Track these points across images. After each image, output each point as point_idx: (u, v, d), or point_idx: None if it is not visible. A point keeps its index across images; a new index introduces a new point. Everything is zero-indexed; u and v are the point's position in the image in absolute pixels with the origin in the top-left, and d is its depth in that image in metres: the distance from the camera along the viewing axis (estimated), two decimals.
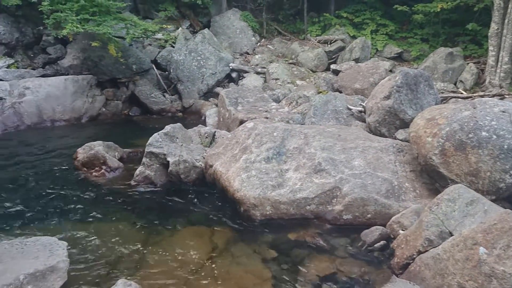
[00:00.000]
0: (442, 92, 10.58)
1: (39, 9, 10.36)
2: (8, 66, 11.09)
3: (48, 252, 3.83)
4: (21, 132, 9.65)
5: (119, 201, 6.10)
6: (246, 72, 12.71)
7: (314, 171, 5.60)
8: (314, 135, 6.14)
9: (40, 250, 3.86)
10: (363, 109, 7.78)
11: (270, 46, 14.72)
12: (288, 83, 11.86)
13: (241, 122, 7.46)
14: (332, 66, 12.61)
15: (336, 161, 5.69)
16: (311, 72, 12.99)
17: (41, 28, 11.58)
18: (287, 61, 13.51)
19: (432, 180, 5.48)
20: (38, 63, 11.69)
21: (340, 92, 9.91)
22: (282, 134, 6.17)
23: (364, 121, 7.57)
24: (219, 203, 6.05)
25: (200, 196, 6.33)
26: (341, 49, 13.73)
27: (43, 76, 11.01)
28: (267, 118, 7.39)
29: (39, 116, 10.14)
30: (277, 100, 9.90)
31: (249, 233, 5.28)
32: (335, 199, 5.35)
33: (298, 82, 11.91)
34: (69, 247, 4.15)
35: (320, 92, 10.75)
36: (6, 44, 11.52)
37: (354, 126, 7.37)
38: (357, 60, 12.84)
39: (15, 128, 9.74)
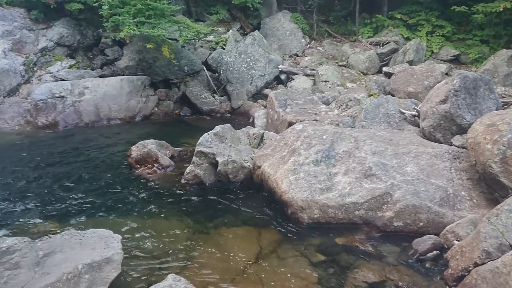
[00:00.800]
0: (504, 97, 9.99)
1: (99, 13, 10.90)
2: (70, 67, 11.77)
3: (104, 244, 4.02)
4: (80, 129, 10.19)
5: (170, 198, 6.28)
6: (295, 74, 12.68)
7: (364, 176, 5.48)
8: (365, 139, 6.01)
9: (96, 242, 4.06)
10: (416, 113, 7.51)
11: (320, 48, 14.58)
12: (338, 85, 11.69)
13: (290, 124, 7.45)
14: (384, 69, 12.28)
15: (387, 166, 5.54)
16: (361, 74, 12.73)
17: (100, 30, 12.18)
18: (337, 63, 13.33)
19: (491, 189, 5.19)
20: (96, 64, 12.30)
21: (392, 95, 9.63)
22: (332, 137, 6.09)
23: (417, 125, 7.31)
24: (267, 204, 6.07)
25: (248, 197, 6.38)
26: (394, 51, 13.34)
27: (101, 76, 11.59)
28: (316, 120, 7.32)
29: (97, 114, 10.66)
30: (327, 103, 9.78)
31: (296, 236, 5.26)
32: (386, 205, 5.21)
33: (348, 84, 11.70)
34: (122, 240, 4.32)
35: (371, 95, 10.51)
36: (69, 46, 12.22)
37: (406, 130, 7.13)
38: (410, 63, 12.42)
39: (75, 125, 10.30)
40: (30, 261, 3.61)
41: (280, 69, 12.68)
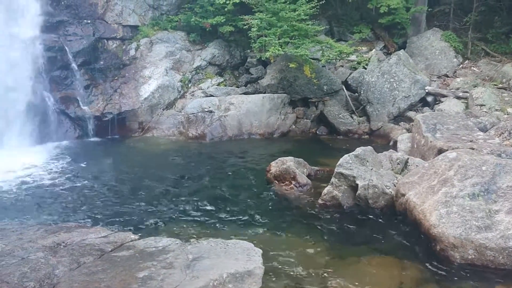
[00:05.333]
0: None
1: (248, 35, 11.64)
2: (218, 84, 12.79)
3: (246, 256, 4.12)
4: (223, 142, 10.93)
5: (306, 217, 6.23)
6: (444, 96, 11.67)
7: None
8: None
9: (239, 253, 4.18)
10: None
11: (474, 68, 13.20)
12: (497, 110, 10.38)
13: (440, 151, 6.81)
14: None
15: None
16: None
17: (248, 51, 12.97)
18: (495, 85, 11.87)
19: None
20: (241, 82, 13.13)
21: None
22: (493, 169, 5.35)
23: None
24: (410, 236, 5.59)
25: (388, 225, 5.98)
26: None
27: (245, 93, 12.32)
28: (472, 149, 6.54)
29: (239, 128, 11.32)
30: (484, 129, 8.72)
31: (444, 276, 4.70)
32: None
33: (510, 110, 10.30)
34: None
35: None
36: (219, 65, 13.32)
37: None
38: None
39: (219, 138, 11.08)
40: (182, 263, 3.88)
41: (427, 91, 11.82)
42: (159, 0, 12.94)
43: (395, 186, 6.33)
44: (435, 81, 12.75)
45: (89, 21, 11.42)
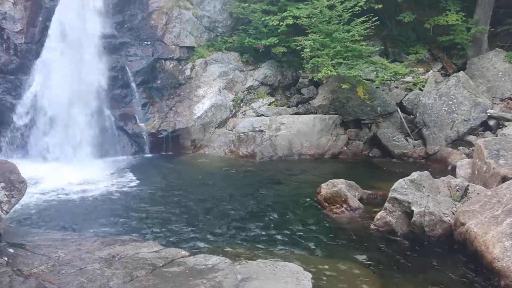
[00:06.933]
0: None
1: (301, 55, 11.69)
2: (270, 104, 12.90)
3: (295, 279, 4.05)
4: (273, 162, 10.93)
5: (358, 243, 6.04)
6: (508, 120, 11.00)
7: None
8: None
9: (288, 276, 4.12)
10: None
11: None
12: None
13: (504, 178, 6.41)
14: None
15: None
16: None
17: (300, 71, 13.02)
18: None
19: None
20: (292, 102, 13.16)
21: None
22: None
23: None
24: (469, 268, 5.24)
25: (446, 255, 5.66)
26: None
27: (296, 113, 12.32)
28: None
29: (289, 149, 11.29)
30: None
31: None
32: None
33: None
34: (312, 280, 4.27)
35: None
36: (270, 85, 13.46)
37: None
38: None
39: (269, 158, 11.10)
40: (231, 283, 3.88)
41: (488, 114, 11.21)
42: (214, 23, 13.38)
43: (453, 214, 6.00)
44: (497, 104, 12.07)
45: (149, 43, 12.01)
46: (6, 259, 4.00)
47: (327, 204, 7.26)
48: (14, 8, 10.40)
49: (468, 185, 6.74)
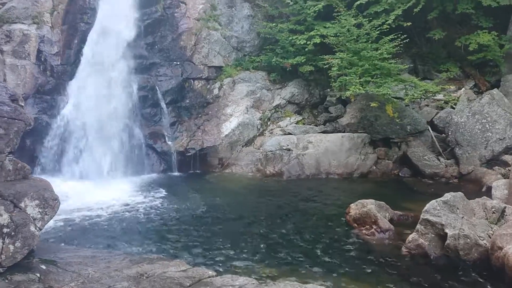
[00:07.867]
0: None
1: (329, 74, 11.66)
2: (297, 122, 12.87)
3: None
4: (301, 181, 10.83)
5: (389, 266, 5.85)
6: None
7: None
8: None
9: None
10: None
11: None
12: None
13: None
14: None
15: None
16: None
17: (327, 90, 12.97)
18: None
19: None
20: (320, 121, 13.08)
21: None
22: None
23: None
24: None
25: (482, 281, 5.41)
26: None
27: (323, 132, 12.22)
28: None
29: (317, 168, 11.17)
30: None
31: None
32: None
33: None
34: None
35: None
36: (298, 103, 13.46)
37: None
38: None
39: (297, 177, 11.02)
40: None
41: None
42: (242, 42, 13.58)
43: (490, 237, 5.75)
44: None
45: (178, 63, 12.28)
46: (38, 275, 4.08)
47: (356, 225, 7.11)
48: (51, 32, 10.88)
49: (505, 207, 6.45)
